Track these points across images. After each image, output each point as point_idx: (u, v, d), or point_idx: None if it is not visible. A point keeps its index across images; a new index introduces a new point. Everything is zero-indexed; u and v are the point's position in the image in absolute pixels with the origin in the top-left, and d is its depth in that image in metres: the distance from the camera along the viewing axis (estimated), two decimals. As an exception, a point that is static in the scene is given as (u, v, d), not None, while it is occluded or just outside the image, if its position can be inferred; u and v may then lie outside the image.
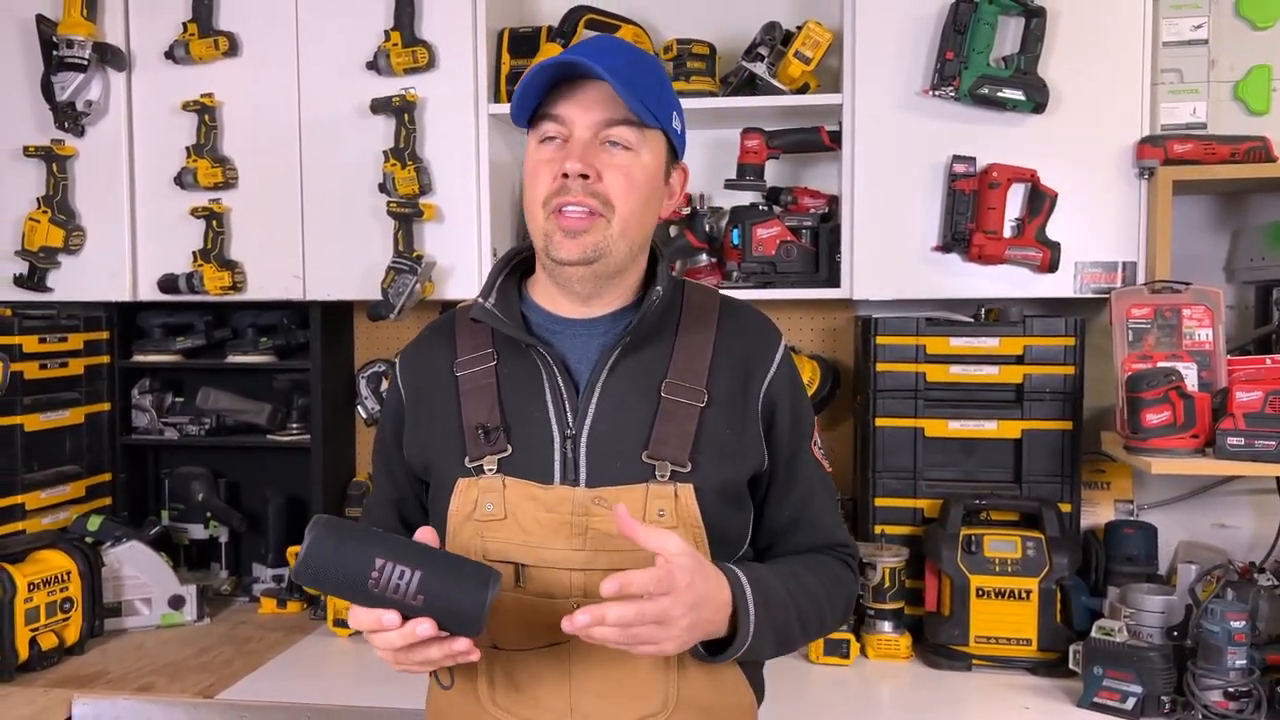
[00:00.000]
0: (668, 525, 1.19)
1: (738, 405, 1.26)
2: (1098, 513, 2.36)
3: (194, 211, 2.38)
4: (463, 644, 1.06)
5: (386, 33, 2.27)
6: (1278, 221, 2.13)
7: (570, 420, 1.23)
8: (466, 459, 1.23)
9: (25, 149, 2.41)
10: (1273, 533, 2.28)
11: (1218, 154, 2.07)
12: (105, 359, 2.61)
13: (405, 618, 1.04)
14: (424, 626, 1.03)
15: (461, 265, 2.32)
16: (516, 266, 1.35)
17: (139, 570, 2.34)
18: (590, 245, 1.19)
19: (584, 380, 1.25)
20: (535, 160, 1.22)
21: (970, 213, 2.13)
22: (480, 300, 1.28)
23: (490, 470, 1.22)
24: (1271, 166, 2.05)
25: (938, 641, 2.09)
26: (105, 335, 2.61)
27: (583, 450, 1.22)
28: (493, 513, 1.21)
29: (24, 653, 2.02)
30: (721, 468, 1.23)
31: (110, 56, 2.37)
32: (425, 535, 1.10)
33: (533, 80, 1.18)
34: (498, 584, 1.06)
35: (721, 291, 1.37)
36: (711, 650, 1.16)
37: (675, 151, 1.28)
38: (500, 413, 1.24)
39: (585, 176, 1.17)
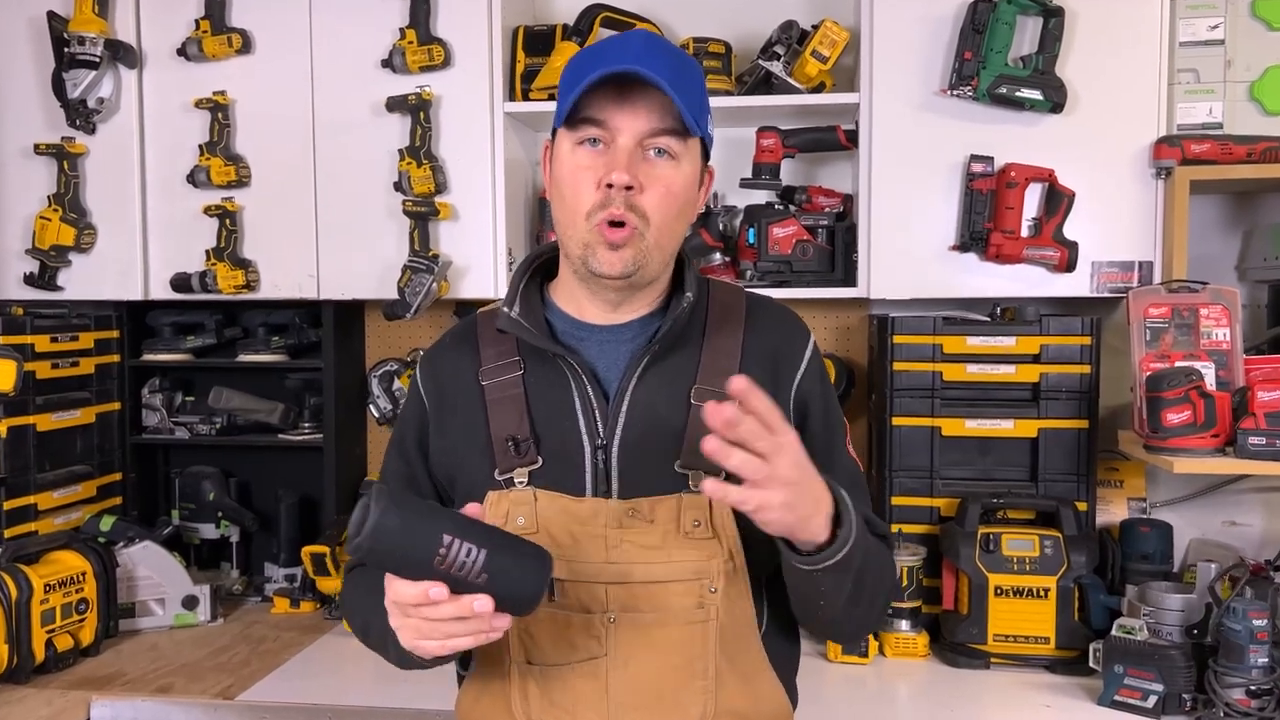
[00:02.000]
0: (703, 535, 1.17)
1: None
2: (1111, 511, 2.37)
3: (207, 210, 2.37)
4: (504, 621, 1.04)
5: (402, 30, 2.26)
6: (1292, 221, 2.14)
7: (601, 430, 1.21)
8: (496, 471, 1.21)
9: (36, 147, 2.40)
10: (1282, 530, 2.31)
11: (1234, 154, 2.07)
12: (115, 358, 2.60)
13: (453, 593, 1.01)
14: (482, 602, 1.00)
15: (477, 264, 2.31)
16: (537, 270, 1.32)
17: (153, 570, 2.33)
18: (629, 259, 1.17)
19: (613, 388, 1.23)
20: (575, 165, 1.18)
21: (988, 212, 2.13)
22: (505, 309, 1.25)
23: (521, 483, 1.20)
24: (1289, 167, 2.06)
25: (956, 640, 2.10)
26: (115, 334, 2.59)
27: (614, 460, 1.20)
28: (524, 526, 1.18)
29: (40, 654, 2.01)
30: None
31: (122, 53, 2.35)
32: (473, 511, 1.07)
33: (584, 83, 1.13)
34: (552, 567, 1.06)
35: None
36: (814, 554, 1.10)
37: (706, 154, 1.26)
38: (529, 423, 1.22)
39: (629, 188, 1.14)
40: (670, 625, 1.17)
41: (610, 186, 1.14)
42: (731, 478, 1.01)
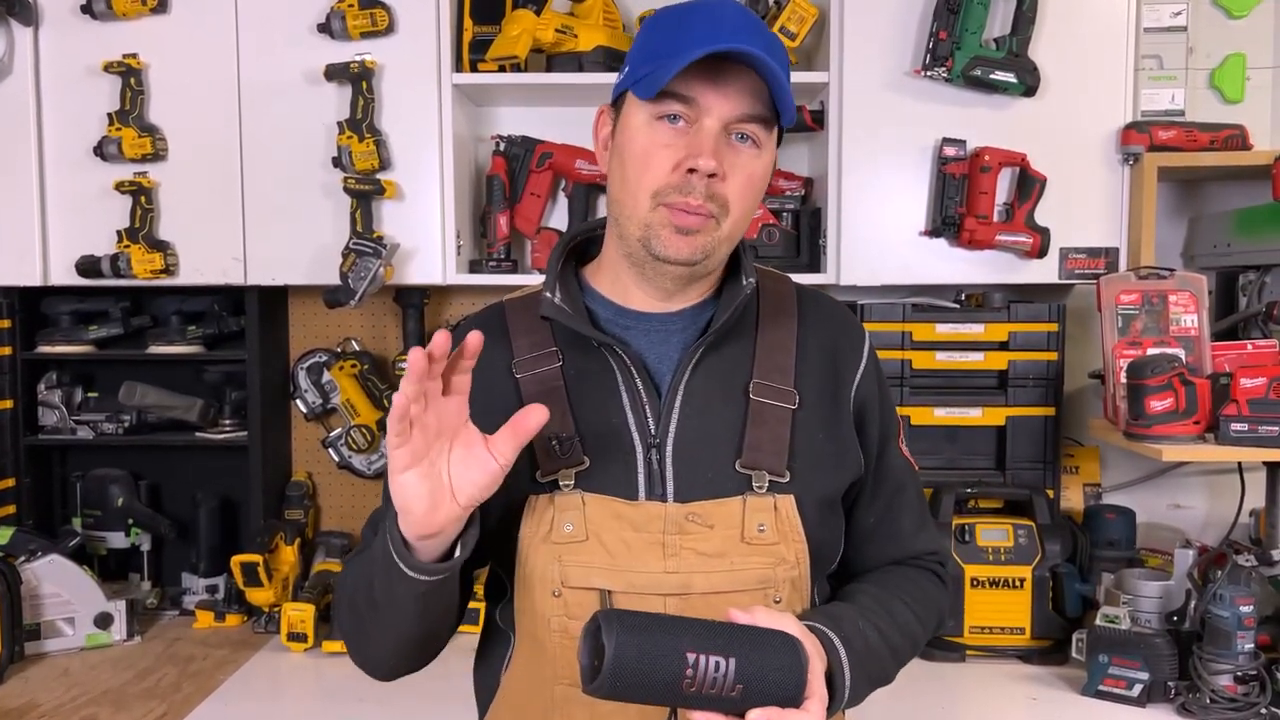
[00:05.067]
0: (768, 541, 1.08)
1: (829, 406, 1.15)
2: (1068, 497, 2.38)
3: (118, 186, 2.13)
4: None
5: (341, -8, 2.08)
6: (1247, 209, 2.16)
7: (653, 427, 1.10)
8: (538, 474, 1.09)
9: (-86, 113, 2.12)
10: (1225, 512, 2.35)
11: (1199, 141, 2.09)
12: (8, 350, 2.33)
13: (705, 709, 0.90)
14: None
15: (424, 248, 2.15)
16: (570, 254, 1.20)
17: (60, 586, 2.10)
18: (700, 247, 1.07)
19: (665, 382, 1.12)
20: (650, 140, 1.06)
21: (960, 197, 2.09)
22: (546, 294, 1.13)
23: (566, 486, 1.08)
24: (1250, 155, 2.08)
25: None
26: (7, 324, 2.32)
27: (669, 460, 1.09)
28: (573, 534, 1.07)
29: (-62, 687, 1.78)
30: (821, 476, 1.13)
31: (16, 8, 2.09)
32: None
33: (685, 58, 1.01)
34: (807, 656, 0.93)
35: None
36: None
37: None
38: (573, 419, 1.10)
39: (712, 175, 1.04)
40: None
41: (692, 171, 1.04)
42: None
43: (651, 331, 1.15)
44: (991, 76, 2.05)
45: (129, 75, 2.11)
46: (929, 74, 2.06)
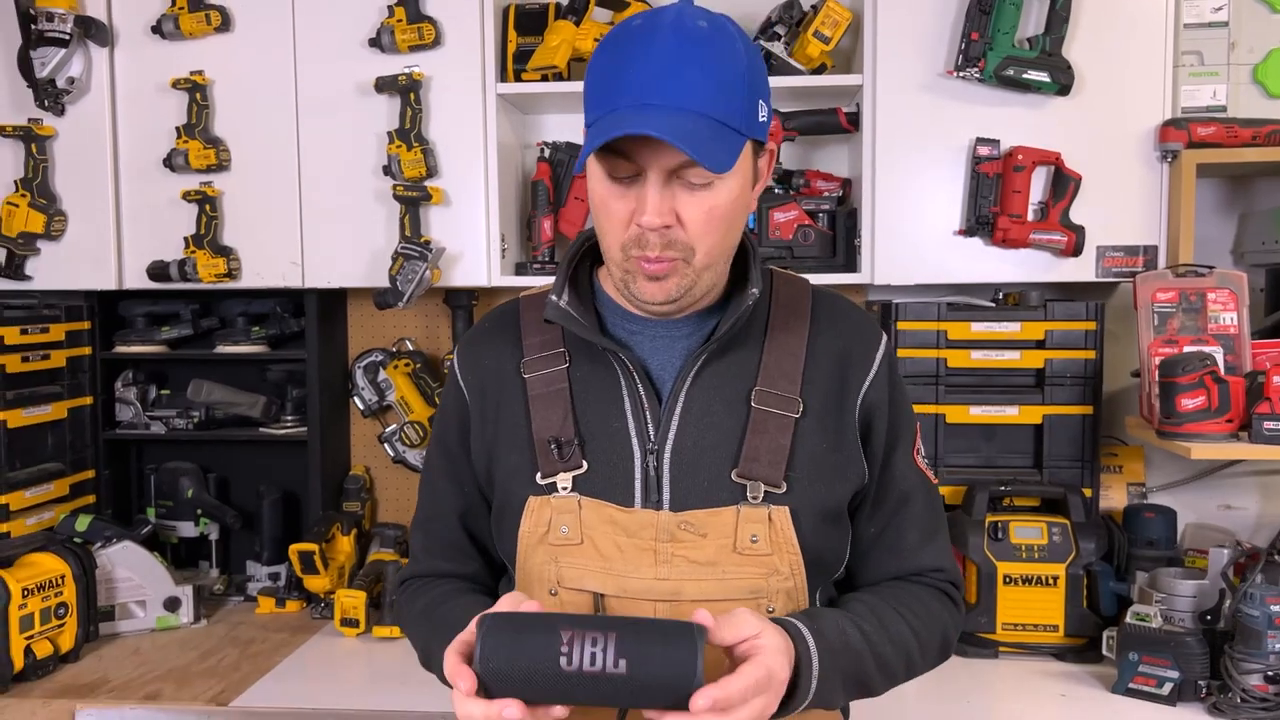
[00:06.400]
0: (761, 552, 1.09)
1: (834, 414, 1.15)
2: (1111, 496, 2.36)
3: (185, 195, 2.26)
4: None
5: (390, 8, 2.18)
6: (1295, 205, 2.14)
7: (652, 433, 1.12)
8: (538, 475, 1.12)
9: (2, 129, 2.28)
10: (1278, 513, 2.31)
11: (1240, 137, 2.06)
12: (87, 351, 2.48)
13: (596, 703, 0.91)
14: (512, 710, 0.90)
15: (470, 251, 2.24)
16: (586, 254, 1.21)
17: (132, 571, 2.23)
18: (672, 289, 1.08)
19: (666, 388, 1.14)
20: (605, 194, 1.07)
21: (994, 196, 2.10)
22: (553, 298, 1.15)
23: (564, 488, 1.11)
24: (1293, 150, 2.06)
25: (964, 629, 2.07)
26: (86, 326, 2.48)
27: (666, 467, 1.11)
28: (568, 536, 1.10)
29: (19, 662, 1.91)
30: (819, 488, 1.12)
31: (93, 31, 2.24)
32: (509, 603, 0.97)
33: (601, 135, 1.00)
34: (704, 635, 0.91)
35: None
36: None
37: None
38: (574, 423, 1.13)
39: (667, 226, 1.04)
40: None
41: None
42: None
43: (657, 338, 1.16)
44: (1024, 76, 2.05)
45: (195, 91, 2.24)
46: (961, 75, 2.08)
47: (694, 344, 1.15)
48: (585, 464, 1.12)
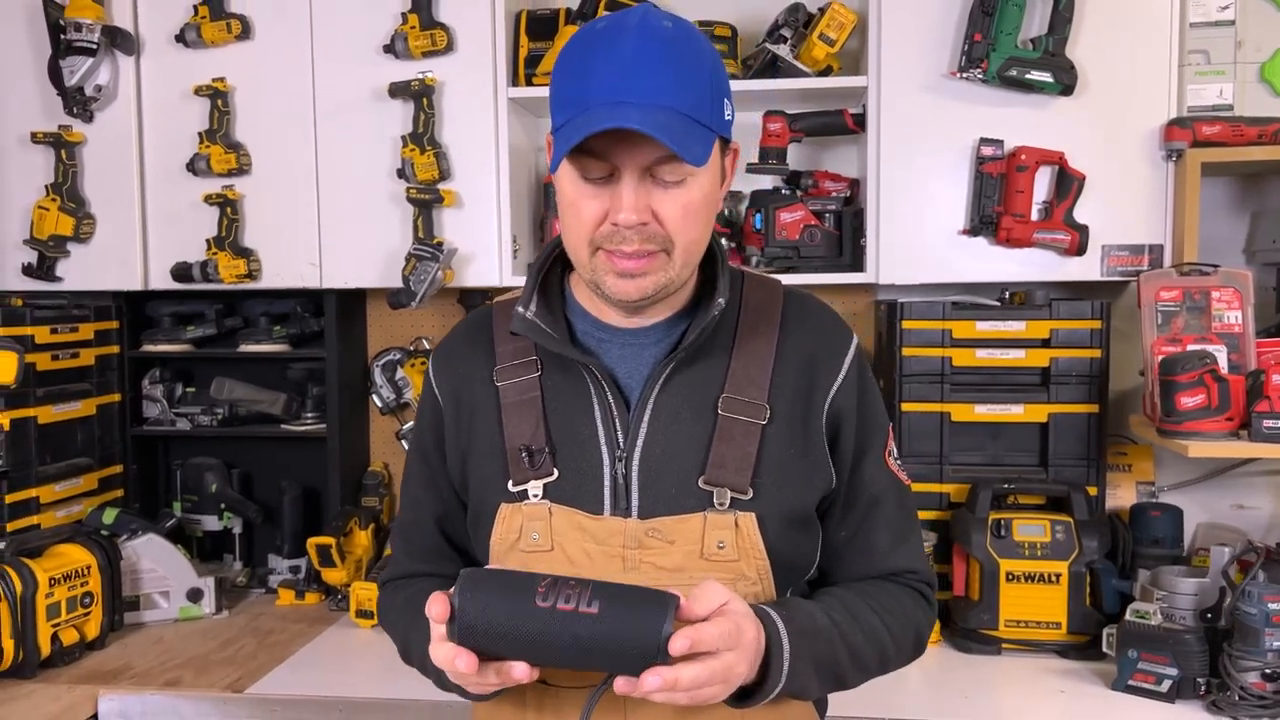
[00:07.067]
0: (728, 558, 1.10)
1: (800, 420, 1.15)
2: (1119, 495, 2.36)
3: (207, 199, 2.33)
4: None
5: (403, 15, 2.23)
6: (1305, 203, 2.13)
7: (621, 441, 1.13)
8: (510, 483, 1.14)
9: (33, 135, 2.37)
10: (1292, 513, 2.31)
11: (1246, 135, 2.06)
12: (115, 349, 2.56)
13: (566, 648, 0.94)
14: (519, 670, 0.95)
15: (482, 252, 2.29)
16: (557, 261, 1.21)
17: (157, 563, 2.31)
18: (651, 285, 1.08)
19: (635, 396, 1.15)
20: (577, 191, 1.06)
21: (998, 196, 2.12)
22: (519, 309, 1.15)
23: (535, 496, 1.13)
24: (1301, 148, 2.05)
25: (967, 626, 2.09)
26: (115, 325, 2.56)
27: (634, 474, 1.12)
28: (539, 543, 1.12)
29: (46, 649, 1.99)
30: (786, 493, 1.13)
31: (120, 40, 2.32)
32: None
33: (575, 133, 1.01)
34: (675, 602, 0.94)
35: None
36: (740, 695, 1.02)
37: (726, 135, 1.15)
38: (546, 431, 1.14)
39: (644, 224, 1.05)
40: None
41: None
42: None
43: (625, 345, 1.17)
44: (1027, 76, 2.07)
45: (217, 97, 2.31)
46: (964, 75, 2.10)
47: (662, 352, 1.16)
48: (556, 471, 1.13)
